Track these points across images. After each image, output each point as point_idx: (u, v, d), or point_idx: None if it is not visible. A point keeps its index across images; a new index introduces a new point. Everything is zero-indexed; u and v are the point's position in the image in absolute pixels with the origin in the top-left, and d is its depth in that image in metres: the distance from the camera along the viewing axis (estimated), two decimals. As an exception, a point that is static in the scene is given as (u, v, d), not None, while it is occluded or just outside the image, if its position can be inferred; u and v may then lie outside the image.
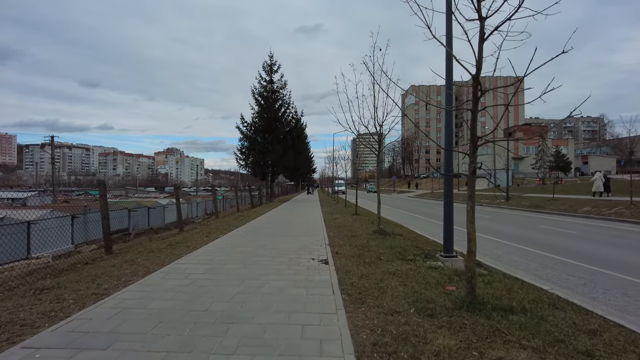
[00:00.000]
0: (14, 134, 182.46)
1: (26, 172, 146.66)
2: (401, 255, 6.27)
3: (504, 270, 5.90)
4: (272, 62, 26.08)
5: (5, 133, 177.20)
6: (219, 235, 8.64)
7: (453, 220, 6.27)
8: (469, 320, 3.23)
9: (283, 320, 3.18)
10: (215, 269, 5.11)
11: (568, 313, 3.55)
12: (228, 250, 6.59)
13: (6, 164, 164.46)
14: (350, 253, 6.40)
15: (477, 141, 3.55)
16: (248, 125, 25.85)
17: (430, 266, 5.43)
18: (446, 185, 6.35)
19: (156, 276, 4.72)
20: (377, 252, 6.46)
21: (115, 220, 17.74)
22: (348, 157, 27.84)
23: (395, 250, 6.64)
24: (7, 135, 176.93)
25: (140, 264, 5.58)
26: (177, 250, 6.76)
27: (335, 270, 5.11)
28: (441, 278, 4.72)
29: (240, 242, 7.47)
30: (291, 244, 7.23)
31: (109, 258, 6.80)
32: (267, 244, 7.28)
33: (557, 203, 20.74)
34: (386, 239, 8.02)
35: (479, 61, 3.46)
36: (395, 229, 10.11)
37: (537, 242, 9.35)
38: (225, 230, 9.86)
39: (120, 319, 3.16)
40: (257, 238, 8.07)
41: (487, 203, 26.47)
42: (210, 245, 7.25)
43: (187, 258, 5.93)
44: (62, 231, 14.24)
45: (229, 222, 12.44)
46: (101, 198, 8.13)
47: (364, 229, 9.72)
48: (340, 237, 8.33)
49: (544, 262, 7.07)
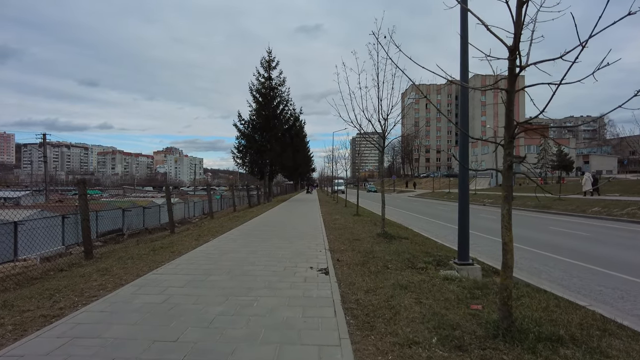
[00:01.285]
0: (12, 133, 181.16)
1: (24, 171, 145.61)
2: (410, 262, 5.57)
3: (527, 279, 5.22)
4: (271, 58, 25.35)
5: (3, 132, 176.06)
6: (209, 239, 7.93)
7: (469, 222, 5.57)
8: (510, 355, 2.53)
9: (271, 357, 2.47)
10: (197, 281, 4.39)
11: (626, 342, 2.85)
12: (216, 257, 5.88)
13: (4, 163, 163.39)
14: (354, 260, 5.70)
15: (514, 129, 2.83)
16: (245, 122, 25.11)
17: (446, 277, 4.73)
18: (461, 182, 5.64)
19: (126, 291, 4.01)
20: (384, 259, 5.76)
21: (108, 221, 17.09)
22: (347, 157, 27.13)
23: (403, 256, 5.93)
24: (5, 134, 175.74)
25: (113, 273, 4.87)
26: (159, 256, 6.05)
27: (337, 282, 4.41)
28: (461, 293, 4.02)
29: (231, 247, 6.76)
30: (287, 249, 6.53)
31: (87, 264, 6.11)
32: (260, 249, 6.57)
33: (564, 203, 20.06)
34: (392, 243, 7.32)
35: (517, 28, 2.75)
36: (399, 231, 9.41)
37: (552, 245, 8.66)
38: (217, 232, 9.16)
39: (60, 356, 2.45)
40: (251, 242, 7.36)
41: (491, 203, 25.83)
42: (197, 250, 6.54)
43: (168, 267, 5.21)
44: (52, 232, 13.55)
45: (222, 223, 11.73)
46: (80, 198, 7.45)
47: (367, 232, 9.02)
48: (341, 241, 7.63)
49: (567, 269, 6.38)
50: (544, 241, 9.34)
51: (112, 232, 17.08)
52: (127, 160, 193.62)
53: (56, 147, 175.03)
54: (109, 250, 7.95)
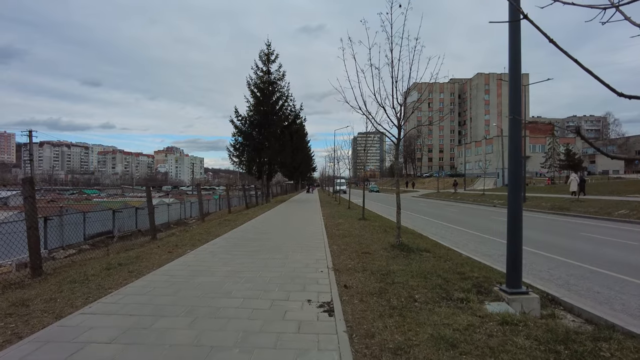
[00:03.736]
0: (12, 132, 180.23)
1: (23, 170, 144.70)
2: (444, 290, 4.12)
3: (600, 314, 3.75)
4: (270, 51, 23.86)
5: (4, 131, 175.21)
6: (185, 251, 6.48)
7: (522, 239, 4.12)
8: None
9: None
10: (135, 330, 2.93)
11: None
12: (182, 281, 4.42)
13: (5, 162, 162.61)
14: (367, 286, 4.23)
15: None
16: (243, 119, 23.62)
17: (504, 319, 3.25)
18: (512, 184, 4.18)
19: (17, 353, 2.56)
20: (407, 284, 4.30)
21: (97, 222, 15.83)
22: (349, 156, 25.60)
23: (432, 280, 4.48)
24: (5, 133, 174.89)
25: (29, 311, 3.43)
26: (110, 279, 4.60)
27: (346, 331, 2.95)
28: (543, 356, 2.56)
29: (207, 265, 5.30)
30: (279, 269, 5.07)
31: (31, 283, 4.73)
32: (245, 268, 5.11)
33: (584, 205, 18.54)
34: (411, 257, 5.87)
35: None
36: (416, 240, 7.93)
37: (598, 257, 7.20)
38: (199, 241, 7.71)
39: None
40: (234, 257, 5.90)
41: (501, 204, 24.29)
42: (164, 269, 5.09)
43: (110, 299, 3.76)
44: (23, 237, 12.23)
45: (209, 228, 10.27)
46: (26, 201, 6.00)
47: (378, 241, 7.55)
48: (347, 254, 6.18)
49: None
50: (582, 251, 7.88)
51: (101, 235, 15.82)
52: (127, 160, 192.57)
53: (56, 146, 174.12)
54: (65, 265, 6.50)
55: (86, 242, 15.28)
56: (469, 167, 70.40)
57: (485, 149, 70.78)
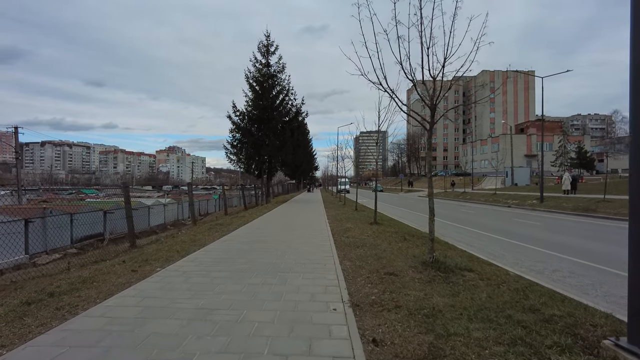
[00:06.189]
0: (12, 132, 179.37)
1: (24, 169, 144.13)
2: (531, 348, 2.58)
3: None
4: (269, 43, 22.31)
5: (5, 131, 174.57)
6: (154, 269, 4.95)
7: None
8: None
9: None
10: None
11: None
12: (122, 332, 2.88)
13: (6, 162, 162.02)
14: (409, 344, 2.68)
15: None
16: (241, 114, 22.10)
17: None
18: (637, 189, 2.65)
19: None
20: (470, 338, 2.75)
21: (86, 224, 14.47)
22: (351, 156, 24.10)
23: (502, 327, 2.92)
24: (7, 133, 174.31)
25: None
26: (28, 319, 3.09)
27: None
28: None
29: (171, 298, 3.74)
30: (272, 304, 3.53)
31: None
32: (221, 304, 3.55)
33: (612, 205, 16.92)
34: (453, 282, 4.31)
35: None
36: (447, 252, 6.37)
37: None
38: (177, 252, 6.19)
39: None
40: (212, 282, 4.35)
41: (516, 204, 22.70)
42: (105, 305, 3.56)
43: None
44: (12, 239, 10.82)
45: (196, 235, 8.75)
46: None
47: (400, 254, 5.99)
48: (366, 276, 4.63)
49: None
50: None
51: (91, 237, 14.48)
52: (129, 159, 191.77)
53: (58, 146, 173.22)
54: (4, 280, 5.00)
55: (73, 246, 13.90)
56: (474, 166, 68.81)
57: (491, 147, 69.00)
